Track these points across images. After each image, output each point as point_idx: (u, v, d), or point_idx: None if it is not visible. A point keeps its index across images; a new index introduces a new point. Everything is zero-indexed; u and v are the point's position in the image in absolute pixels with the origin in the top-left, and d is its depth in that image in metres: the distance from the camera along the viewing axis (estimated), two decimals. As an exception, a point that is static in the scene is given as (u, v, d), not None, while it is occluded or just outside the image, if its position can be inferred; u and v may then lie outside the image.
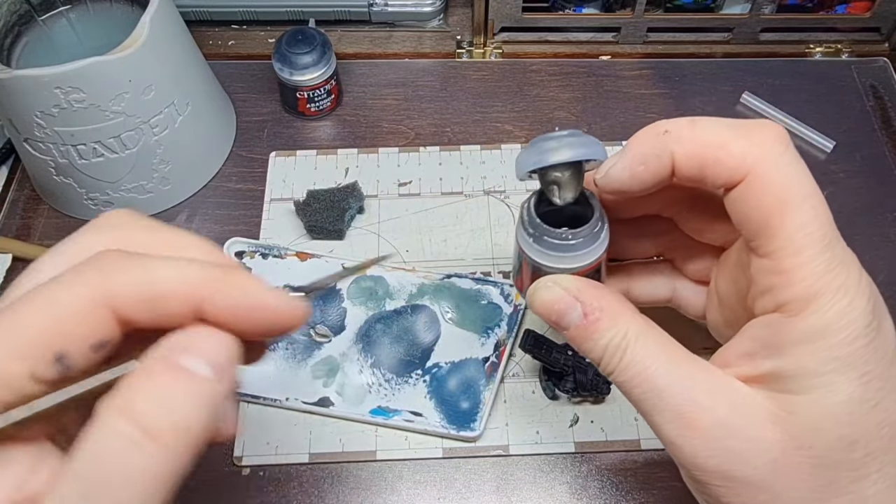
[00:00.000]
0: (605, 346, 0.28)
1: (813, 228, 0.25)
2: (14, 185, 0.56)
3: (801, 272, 0.25)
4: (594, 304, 0.28)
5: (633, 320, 0.28)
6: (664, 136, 0.27)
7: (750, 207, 0.26)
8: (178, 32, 0.50)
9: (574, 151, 0.29)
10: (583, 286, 0.29)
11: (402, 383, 0.44)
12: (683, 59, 0.62)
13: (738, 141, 0.26)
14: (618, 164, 0.29)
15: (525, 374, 0.45)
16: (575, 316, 0.29)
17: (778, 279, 0.26)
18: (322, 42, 0.55)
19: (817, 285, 0.25)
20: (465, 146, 0.56)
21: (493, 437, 0.43)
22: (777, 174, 0.26)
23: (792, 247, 0.25)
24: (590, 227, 0.30)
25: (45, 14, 0.52)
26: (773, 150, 0.26)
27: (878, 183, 0.54)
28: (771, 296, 0.26)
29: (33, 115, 0.45)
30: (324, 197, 0.51)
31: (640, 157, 0.28)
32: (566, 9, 0.62)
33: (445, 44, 0.64)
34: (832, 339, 0.25)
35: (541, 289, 0.30)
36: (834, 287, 0.25)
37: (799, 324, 0.25)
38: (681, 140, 0.27)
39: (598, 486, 0.42)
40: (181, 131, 0.51)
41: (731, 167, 0.26)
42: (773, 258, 0.26)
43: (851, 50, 0.62)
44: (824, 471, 0.25)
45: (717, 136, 0.27)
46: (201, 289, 0.23)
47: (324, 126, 0.58)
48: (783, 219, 0.25)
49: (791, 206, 0.25)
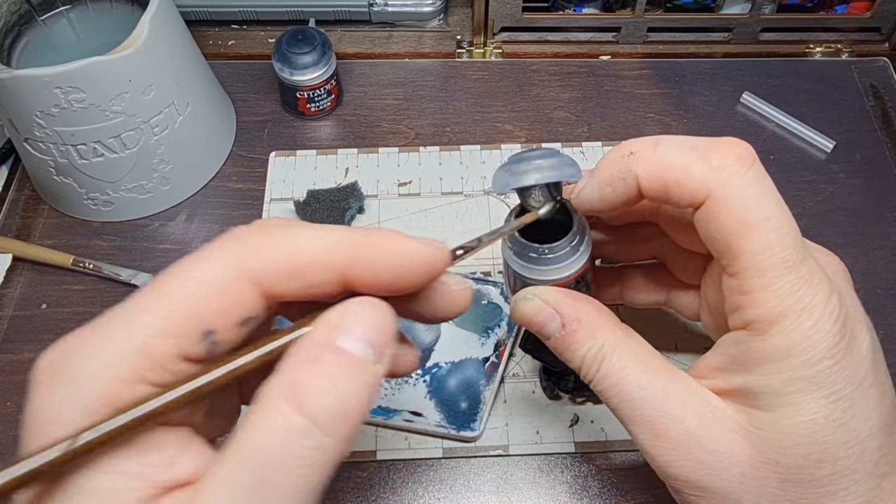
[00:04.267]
0: (582, 357, 0.29)
1: (775, 251, 0.25)
2: (14, 185, 0.56)
3: (764, 294, 0.26)
4: (572, 316, 0.29)
5: (610, 332, 0.29)
6: (629, 159, 0.28)
7: (712, 229, 0.27)
8: (178, 32, 0.50)
9: (541, 174, 0.29)
10: (562, 298, 0.30)
11: (401, 383, 0.44)
12: (683, 59, 0.62)
13: (697, 163, 0.26)
14: (587, 186, 0.30)
15: (525, 374, 0.45)
16: (554, 327, 0.30)
17: (744, 299, 0.26)
18: (322, 42, 0.55)
19: (780, 307, 0.25)
20: (465, 146, 0.56)
21: (493, 437, 0.43)
22: (736, 197, 0.26)
23: (754, 269, 0.26)
24: (567, 241, 0.30)
25: (45, 14, 0.52)
26: (734, 171, 0.26)
27: (878, 183, 0.54)
28: (739, 314, 0.27)
29: (33, 115, 0.45)
30: (324, 197, 0.51)
31: (607, 180, 0.29)
32: (566, 9, 0.62)
33: (445, 44, 0.64)
34: (796, 360, 0.25)
35: (521, 300, 0.31)
36: (798, 309, 0.25)
37: (764, 343, 0.26)
38: (644, 162, 0.28)
39: (598, 486, 0.42)
40: (181, 131, 0.51)
41: (691, 189, 0.27)
42: (739, 278, 0.26)
43: (851, 50, 0.62)
44: (791, 486, 0.26)
45: (679, 159, 0.27)
46: (344, 254, 0.22)
47: (324, 126, 0.58)
48: (743, 242, 0.26)
49: (752, 228, 0.26)
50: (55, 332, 0.48)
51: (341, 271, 0.22)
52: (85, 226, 0.53)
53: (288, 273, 0.22)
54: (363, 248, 0.23)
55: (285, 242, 0.22)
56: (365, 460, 0.43)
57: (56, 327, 0.48)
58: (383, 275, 0.23)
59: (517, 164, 0.30)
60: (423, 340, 0.46)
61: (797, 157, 0.56)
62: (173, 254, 0.51)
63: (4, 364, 0.47)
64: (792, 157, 0.56)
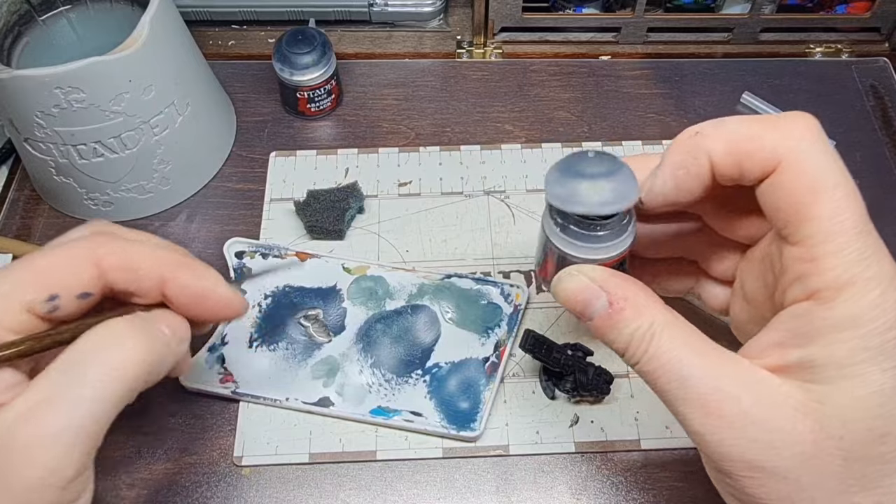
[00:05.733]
0: (630, 336, 0.28)
1: (845, 217, 0.25)
2: (14, 185, 0.56)
3: (832, 260, 0.25)
4: (619, 294, 0.28)
5: (659, 311, 0.28)
6: (696, 138, 0.28)
7: (782, 196, 0.26)
8: (178, 32, 0.50)
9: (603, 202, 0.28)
10: (608, 276, 0.29)
11: (402, 383, 0.44)
12: (683, 59, 0.62)
13: (769, 133, 0.27)
14: (658, 177, 0.29)
15: (525, 374, 0.45)
16: (599, 305, 0.28)
17: (809, 267, 0.25)
18: (322, 42, 0.55)
19: (848, 273, 0.25)
20: (465, 146, 0.56)
21: (493, 437, 0.43)
22: (808, 162, 0.26)
23: (823, 234, 0.25)
24: (618, 219, 0.29)
25: (45, 14, 0.52)
26: (804, 139, 0.26)
27: (878, 183, 0.54)
28: (802, 284, 0.26)
29: (33, 115, 0.45)
30: (324, 197, 0.51)
31: (678, 163, 0.28)
32: (566, 9, 0.63)
33: (445, 44, 0.64)
34: (863, 329, 0.24)
35: (565, 278, 0.30)
36: (866, 277, 0.25)
37: (830, 312, 0.25)
38: (714, 138, 0.27)
39: (598, 486, 0.42)
40: (181, 131, 0.51)
41: (763, 158, 0.26)
42: (805, 245, 0.26)
43: (851, 50, 0.62)
44: (854, 463, 0.25)
45: (749, 131, 0.27)
46: (167, 266, 0.30)
47: (324, 126, 0.58)
48: (814, 206, 0.25)
49: (822, 193, 0.25)
50: (55, 332, 0.48)
51: (162, 279, 0.30)
52: (85, 226, 0.53)
53: (123, 266, 0.30)
54: (182, 266, 0.31)
55: (128, 242, 0.30)
56: (365, 460, 0.43)
57: (56, 327, 0.48)
58: (191, 300, 0.31)
59: (576, 179, 0.28)
60: (424, 340, 0.46)
61: (797, 157, 0.56)
62: (173, 254, 0.51)
63: (4, 364, 0.47)
64: (792, 157, 0.56)
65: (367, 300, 0.48)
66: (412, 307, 0.47)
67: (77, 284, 0.29)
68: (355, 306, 0.47)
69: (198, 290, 0.31)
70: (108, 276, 0.30)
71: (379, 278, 0.48)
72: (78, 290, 0.29)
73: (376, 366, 0.45)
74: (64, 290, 0.29)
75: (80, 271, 0.29)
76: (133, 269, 0.30)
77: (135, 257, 0.30)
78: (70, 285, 0.29)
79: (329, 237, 0.51)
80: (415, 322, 0.47)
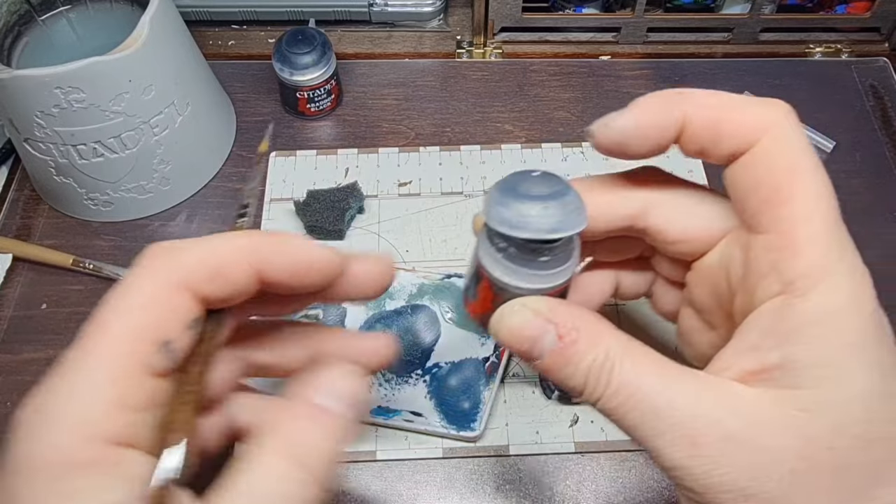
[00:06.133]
0: (587, 370, 0.25)
1: (824, 201, 0.24)
2: (14, 185, 0.56)
3: (810, 246, 0.23)
4: (569, 324, 0.25)
5: (614, 338, 0.25)
6: (678, 96, 0.26)
7: (759, 174, 0.24)
8: (178, 32, 0.50)
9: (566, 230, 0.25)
10: (555, 306, 0.26)
11: (402, 383, 0.44)
12: (683, 59, 0.62)
13: (753, 107, 0.25)
14: (623, 114, 0.27)
15: (525, 374, 0.45)
16: (549, 341, 0.25)
17: (783, 255, 0.23)
18: (322, 42, 0.55)
19: (826, 261, 0.23)
20: (465, 146, 0.56)
21: (493, 437, 0.43)
22: (789, 141, 0.25)
23: (802, 216, 0.23)
24: (564, 244, 0.26)
25: (45, 14, 0.52)
26: (786, 119, 0.25)
27: (878, 183, 0.54)
28: (776, 275, 0.24)
29: (33, 115, 0.45)
30: (324, 197, 0.51)
31: (650, 108, 0.26)
32: (566, 9, 0.62)
33: (445, 44, 0.64)
34: (844, 323, 0.23)
35: (507, 314, 0.26)
36: (843, 267, 0.23)
37: (807, 304, 0.23)
38: (695, 101, 0.26)
39: (598, 486, 0.42)
40: (181, 131, 0.51)
41: (746, 129, 0.25)
42: (778, 232, 0.24)
43: (851, 50, 0.62)
44: (845, 476, 0.22)
45: (732, 102, 0.26)
46: (257, 252, 0.25)
47: (324, 126, 0.58)
48: (794, 186, 0.24)
49: (802, 174, 0.24)
50: (55, 332, 0.48)
51: (256, 270, 0.25)
52: (85, 226, 0.53)
53: (209, 274, 0.24)
54: (269, 246, 0.25)
55: (200, 248, 0.25)
56: (365, 460, 0.43)
57: (56, 327, 0.48)
58: (291, 274, 0.26)
59: (521, 201, 0.25)
60: (424, 340, 0.46)
61: (797, 157, 0.56)
62: (173, 254, 0.51)
63: (4, 364, 0.47)
64: (792, 157, 0.56)
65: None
66: (412, 307, 0.47)
67: (180, 315, 0.24)
68: (355, 306, 0.47)
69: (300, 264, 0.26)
70: (200, 290, 0.24)
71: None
72: (184, 320, 0.24)
73: (376, 366, 0.45)
74: (171, 329, 0.24)
75: (174, 302, 0.24)
76: (221, 270, 0.25)
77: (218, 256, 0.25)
78: (173, 319, 0.24)
79: (329, 237, 0.51)
80: (415, 322, 0.47)
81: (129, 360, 0.22)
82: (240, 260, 0.25)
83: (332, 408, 0.24)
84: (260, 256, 0.25)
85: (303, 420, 0.24)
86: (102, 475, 0.22)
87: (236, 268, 0.25)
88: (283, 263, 0.25)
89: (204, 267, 0.24)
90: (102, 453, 0.22)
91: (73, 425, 0.21)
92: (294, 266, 0.25)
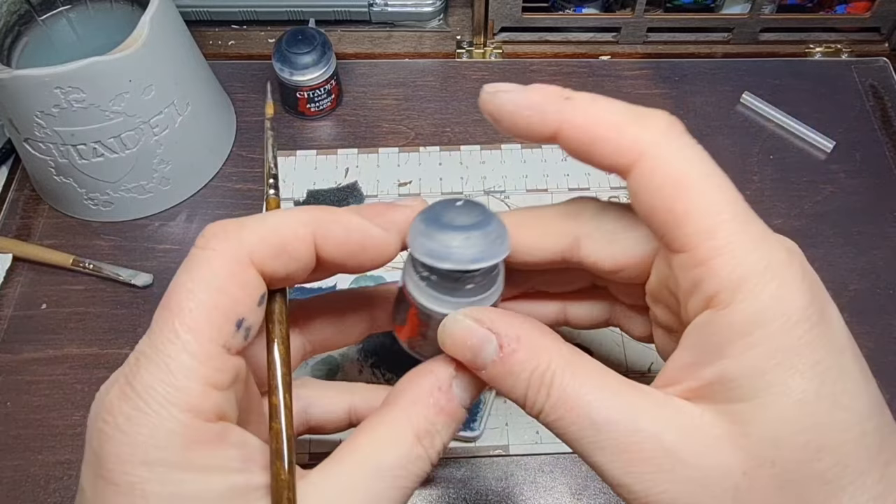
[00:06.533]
0: (527, 382, 0.24)
1: (722, 207, 0.23)
2: (14, 185, 0.56)
3: (720, 258, 0.22)
4: (511, 334, 0.25)
5: (556, 348, 0.25)
6: (565, 102, 0.25)
7: (651, 195, 0.24)
8: (178, 32, 0.50)
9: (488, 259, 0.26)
10: (495, 316, 0.26)
11: (402, 383, 0.44)
12: (683, 59, 0.62)
13: (630, 126, 0.24)
14: (513, 92, 0.26)
15: (525, 374, 0.45)
16: (490, 350, 0.25)
17: (699, 271, 0.23)
18: (322, 42, 0.55)
19: (740, 268, 0.22)
20: (465, 146, 0.56)
21: (493, 437, 0.43)
22: (672, 156, 0.24)
23: (704, 230, 0.23)
24: (486, 271, 0.27)
25: (45, 14, 0.52)
26: (666, 134, 0.24)
27: (878, 183, 0.54)
28: (698, 292, 0.23)
29: (33, 115, 0.45)
30: (324, 197, 0.51)
31: (533, 102, 0.26)
32: (566, 9, 0.63)
33: (445, 44, 0.64)
34: (770, 327, 0.22)
35: (450, 324, 0.26)
36: (759, 269, 0.22)
37: (731, 316, 0.22)
38: (573, 114, 0.25)
39: (598, 486, 0.42)
40: (181, 131, 0.51)
41: (620, 154, 0.24)
42: (689, 248, 0.23)
43: (851, 50, 0.62)
44: (791, 489, 0.21)
45: (612, 116, 0.25)
46: (316, 226, 0.25)
47: (324, 126, 0.58)
48: (687, 201, 0.23)
49: (692, 186, 0.23)
50: (55, 332, 0.48)
51: (315, 245, 0.25)
52: (85, 226, 0.53)
53: (274, 250, 0.24)
54: (330, 222, 0.25)
55: (263, 226, 0.24)
56: (365, 460, 0.43)
57: (56, 327, 0.48)
58: (348, 252, 0.26)
59: (444, 231, 0.26)
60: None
61: (797, 157, 0.56)
62: (173, 254, 0.51)
63: (4, 364, 0.47)
64: (792, 158, 0.56)
65: (367, 300, 0.48)
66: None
67: (250, 292, 0.24)
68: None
69: (355, 241, 0.26)
70: (264, 266, 0.24)
71: (378, 278, 0.48)
72: (254, 296, 0.24)
73: (376, 366, 0.45)
74: (244, 306, 0.23)
75: (243, 278, 0.24)
76: (284, 245, 0.24)
77: (280, 230, 0.24)
78: (244, 296, 0.24)
79: (329, 237, 0.51)
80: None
81: (212, 340, 0.22)
82: (303, 236, 0.25)
83: (462, 400, 0.26)
84: (321, 231, 0.25)
85: (434, 406, 0.25)
86: (225, 449, 0.22)
87: (300, 244, 0.25)
88: (341, 239, 0.25)
89: (268, 244, 0.24)
90: (215, 430, 0.22)
91: (182, 408, 0.21)
92: (351, 241, 0.25)
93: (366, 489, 0.24)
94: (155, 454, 0.21)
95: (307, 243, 0.25)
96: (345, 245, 0.25)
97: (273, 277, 0.24)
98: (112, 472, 0.21)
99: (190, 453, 0.21)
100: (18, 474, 0.43)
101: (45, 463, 0.43)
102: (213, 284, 0.23)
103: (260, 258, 0.24)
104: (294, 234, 0.24)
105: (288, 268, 0.25)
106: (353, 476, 0.24)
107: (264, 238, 0.24)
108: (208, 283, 0.23)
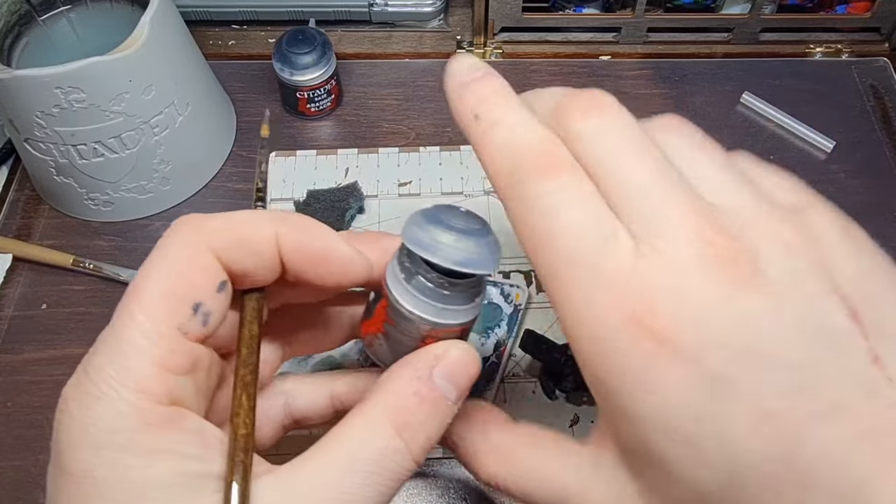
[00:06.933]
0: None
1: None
2: (14, 185, 0.56)
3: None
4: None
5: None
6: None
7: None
8: (178, 32, 0.50)
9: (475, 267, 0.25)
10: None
11: (402, 383, 0.44)
12: (683, 59, 0.62)
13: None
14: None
15: (525, 374, 0.45)
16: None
17: None
18: (322, 42, 0.55)
19: None
20: (465, 146, 0.56)
21: (493, 437, 0.43)
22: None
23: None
24: (469, 285, 0.26)
25: (45, 14, 0.52)
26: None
27: (878, 183, 0.54)
28: None
29: (33, 115, 0.45)
30: (324, 197, 0.51)
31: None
32: (566, 9, 0.62)
33: (445, 44, 0.64)
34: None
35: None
36: None
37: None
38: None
39: (598, 486, 0.42)
40: (181, 131, 0.51)
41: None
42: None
43: (851, 50, 0.62)
44: None
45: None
46: (280, 226, 0.25)
47: (324, 126, 0.58)
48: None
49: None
50: (55, 332, 0.48)
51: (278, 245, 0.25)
52: (85, 226, 0.53)
53: (235, 241, 0.24)
54: (296, 227, 0.25)
55: (224, 217, 0.24)
56: (365, 460, 0.43)
57: (56, 327, 0.48)
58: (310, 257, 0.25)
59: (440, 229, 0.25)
60: (423, 340, 0.46)
61: (797, 157, 0.56)
62: (173, 254, 0.51)
63: (4, 364, 0.47)
64: (792, 158, 0.56)
65: (367, 300, 0.48)
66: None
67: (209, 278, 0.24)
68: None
69: (317, 250, 0.25)
70: (224, 258, 0.24)
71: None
72: (213, 282, 0.23)
73: (376, 366, 0.45)
74: (201, 291, 0.23)
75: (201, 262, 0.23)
76: (244, 241, 0.24)
77: (241, 227, 0.24)
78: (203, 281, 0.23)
79: (329, 237, 0.51)
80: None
81: (166, 321, 0.22)
82: (263, 232, 0.24)
83: (446, 391, 0.24)
84: (284, 231, 0.25)
85: (414, 396, 0.24)
86: (177, 432, 0.21)
87: (261, 240, 0.24)
88: (303, 242, 0.25)
89: (227, 233, 0.24)
90: (167, 413, 0.21)
91: (132, 388, 0.21)
92: (312, 249, 0.25)
93: (337, 485, 0.22)
94: (104, 437, 0.20)
95: (269, 240, 0.24)
96: (307, 250, 0.25)
97: (234, 270, 0.24)
98: (66, 460, 0.21)
99: (139, 435, 0.21)
100: (18, 474, 0.43)
101: (45, 463, 0.43)
102: (171, 269, 0.23)
103: (219, 247, 0.24)
104: (256, 230, 0.24)
105: (248, 262, 0.24)
106: (324, 471, 0.22)
107: (225, 228, 0.24)
108: (166, 268, 0.23)
